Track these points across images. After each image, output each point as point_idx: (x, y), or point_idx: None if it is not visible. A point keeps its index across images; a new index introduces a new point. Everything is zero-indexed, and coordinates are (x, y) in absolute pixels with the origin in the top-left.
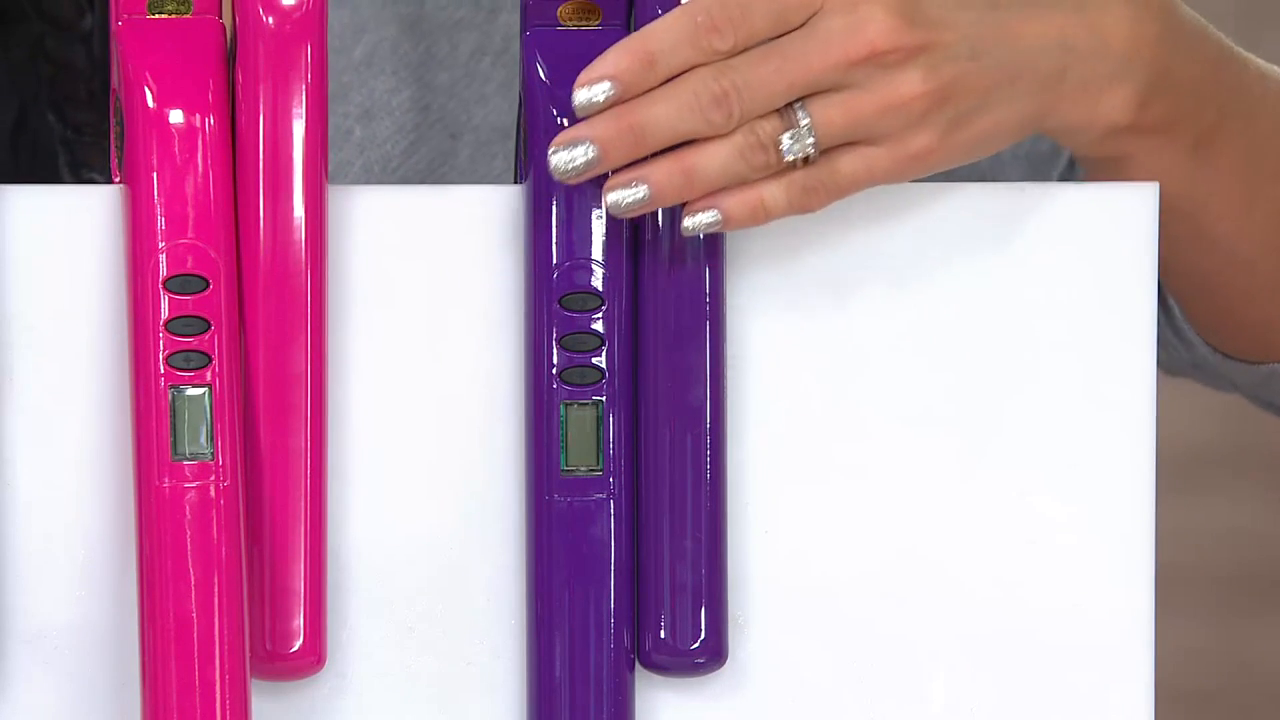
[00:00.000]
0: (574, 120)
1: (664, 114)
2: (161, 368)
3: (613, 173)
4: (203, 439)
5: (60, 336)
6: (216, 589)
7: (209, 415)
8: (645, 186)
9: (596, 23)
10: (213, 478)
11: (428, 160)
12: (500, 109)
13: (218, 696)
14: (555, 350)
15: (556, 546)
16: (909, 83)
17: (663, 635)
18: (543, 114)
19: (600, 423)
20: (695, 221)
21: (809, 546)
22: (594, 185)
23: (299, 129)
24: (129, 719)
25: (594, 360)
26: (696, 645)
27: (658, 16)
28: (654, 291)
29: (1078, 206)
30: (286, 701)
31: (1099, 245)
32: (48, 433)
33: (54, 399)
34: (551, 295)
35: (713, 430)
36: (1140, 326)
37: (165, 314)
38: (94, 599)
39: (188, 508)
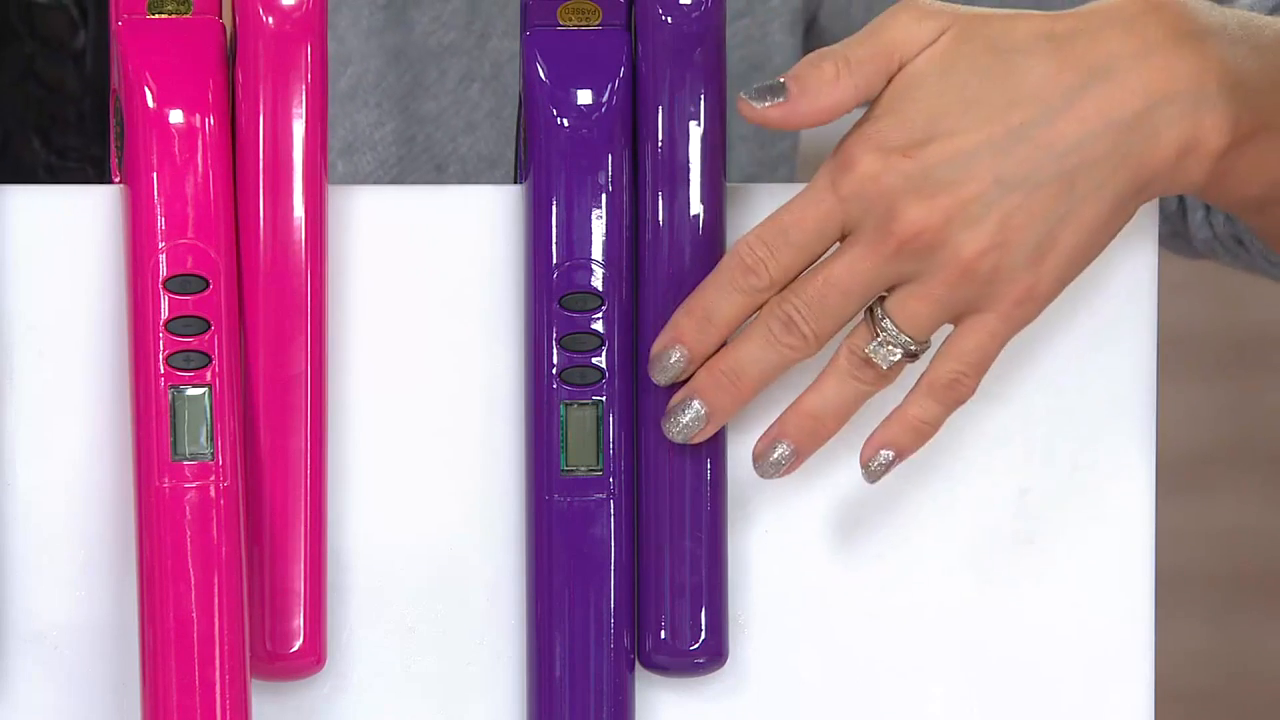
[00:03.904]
0: (573, 121)
1: (747, 353)
2: (161, 368)
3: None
4: (203, 439)
5: (60, 336)
6: (216, 589)
7: (209, 415)
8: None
9: (596, 23)
10: (213, 478)
11: None
12: (488, 138)
13: (218, 696)
14: (555, 350)
15: (556, 546)
16: (962, 247)
17: (663, 635)
18: (543, 114)
19: (600, 423)
20: (874, 463)
21: (809, 546)
22: (594, 185)
23: (299, 129)
24: (129, 719)
25: (594, 360)
26: (696, 645)
27: (658, 17)
28: (654, 291)
29: None
30: (286, 701)
31: None
32: (48, 433)
33: (54, 399)
34: (551, 295)
35: None
36: (1140, 327)
37: (165, 314)
38: (94, 599)
39: (188, 508)
